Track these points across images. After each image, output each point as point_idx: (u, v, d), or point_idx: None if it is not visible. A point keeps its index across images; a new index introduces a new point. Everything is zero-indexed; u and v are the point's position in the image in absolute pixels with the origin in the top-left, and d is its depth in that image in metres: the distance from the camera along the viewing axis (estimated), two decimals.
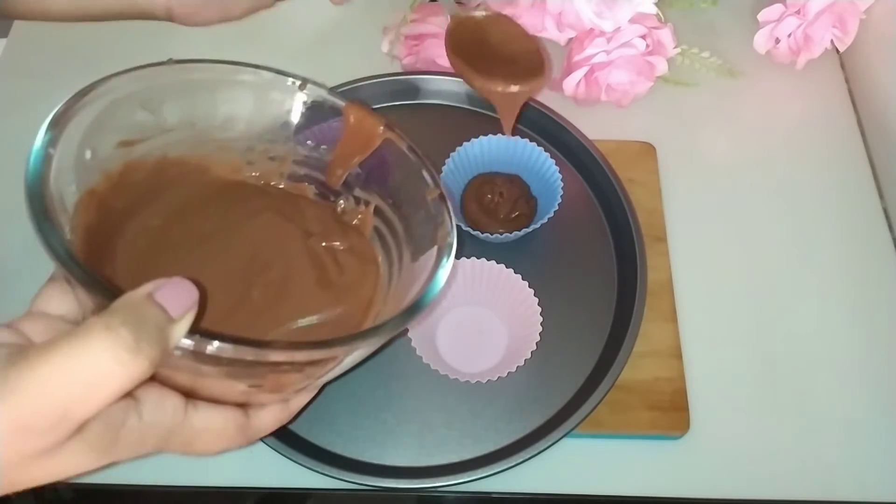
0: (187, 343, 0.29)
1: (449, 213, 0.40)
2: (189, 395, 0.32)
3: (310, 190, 0.47)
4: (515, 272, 0.49)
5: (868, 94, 0.64)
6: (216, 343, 0.29)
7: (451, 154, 0.54)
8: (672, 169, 0.59)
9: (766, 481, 0.48)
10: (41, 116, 0.35)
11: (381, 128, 0.43)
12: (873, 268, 0.56)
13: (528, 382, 0.49)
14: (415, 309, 0.36)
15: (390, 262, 0.44)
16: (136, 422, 0.29)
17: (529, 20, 0.60)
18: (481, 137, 0.55)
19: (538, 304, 0.48)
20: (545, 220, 0.52)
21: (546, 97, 0.60)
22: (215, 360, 0.30)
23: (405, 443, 0.48)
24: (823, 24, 0.61)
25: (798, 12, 0.61)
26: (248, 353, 0.30)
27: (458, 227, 0.51)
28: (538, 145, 0.54)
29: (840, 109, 0.64)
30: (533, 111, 0.59)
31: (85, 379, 0.25)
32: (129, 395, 0.29)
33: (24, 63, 0.66)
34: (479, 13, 0.54)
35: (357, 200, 0.46)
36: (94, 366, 0.26)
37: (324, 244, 0.44)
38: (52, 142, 0.34)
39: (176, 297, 0.29)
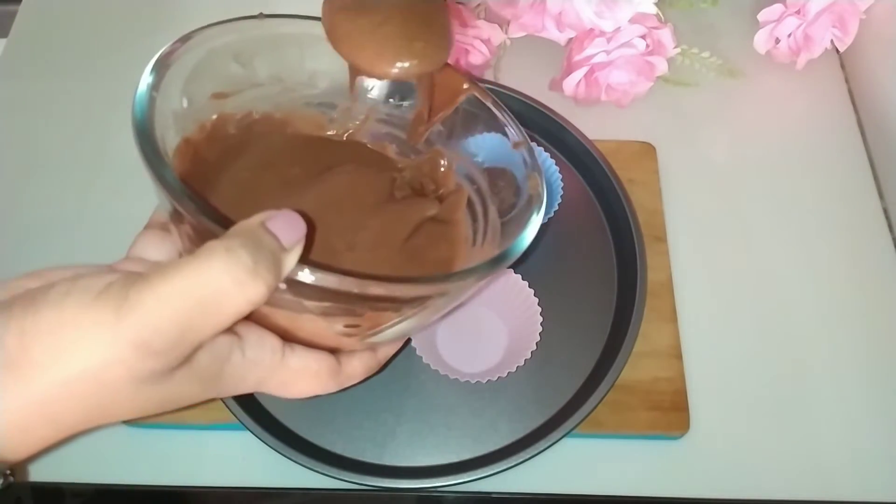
0: (298, 272, 0.29)
1: (536, 161, 0.40)
2: (285, 337, 0.33)
3: (391, 149, 0.46)
4: (515, 272, 0.49)
5: (868, 94, 0.64)
6: (324, 274, 0.29)
7: None
8: (672, 169, 0.59)
9: (767, 481, 0.48)
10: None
11: (466, 84, 0.42)
12: (873, 268, 0.56)
13: (528, 382, 0.49)
14: (508, 253, 0.36)
15: (475, 218, 0.43)
16: (239, 357, 0.30)
17: (529, 20, 0.60)
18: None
19: (538, 304, 0.48)
20: (545, 221, 0.52)
21: (546, 97, 0.60)
22: (319, 292, 0.30)
23: (405, 443, 0.48)
24: (823, 24, 0.61)
25: (798, 12, 0.61)
26: (352, 285, 0.30)
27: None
28: (538, 145, 0.54)
29: (840, 109, 0.64)
30: (533, 111, 0.59)
31: (204, 298, 0.26)
32: (233, 331, 0.30)
33: (24, 63, 0.66)
34: None
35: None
36: (214, 285, 0.26)
37: (402, 201, 0.44)
38: (154, 85, 0.34)
39: (287, 227, 0.29)
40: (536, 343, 0.47)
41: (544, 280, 0.50)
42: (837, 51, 0.65)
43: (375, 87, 0.45)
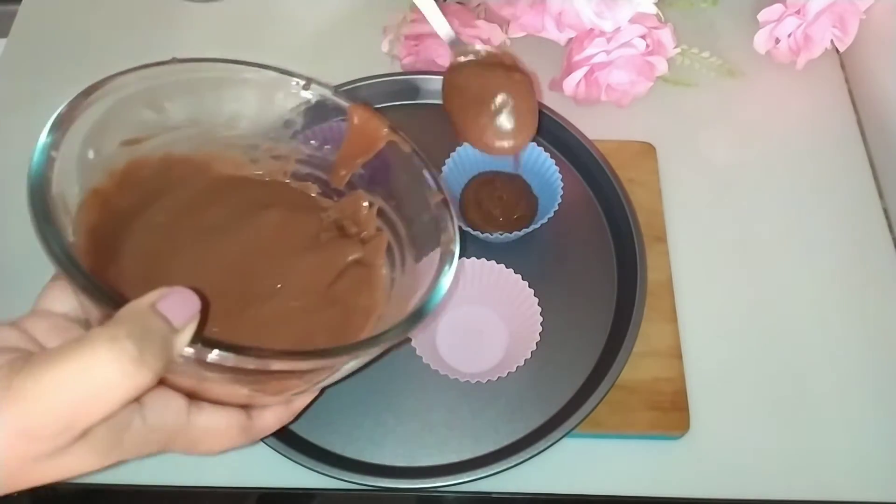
0: (190, 352, 0.29)
1: (452, 218, 0.41)
2: (193, 396, 0.32)
3: (313, 189, 0.47)
4: (515, 272, 0.49)
5: (868, 94, 0.64)
6: (219, 352, 0.30)
7: (452, 154, 0.54)
8: (672, 169, 0.59)
9: (767, 481, 0.48)
10: (41, 116, 0.35)
11: (386, 129, 0.43)
12: (873, 268, 0.56)
13: (528, 382, 0.49)
14: (417, 317, 0.36)
15: (392, 263, 0.44)
16: (140, 425, 0.29)
17: (529, 20, 0.60)
18: None
19: (538, 304, 0.48)
20: (545, 220, 0.52)
21: (546, 97, 0.60)
22: (218, 367, 0.31)
23: (405, 443, 0.48)
24: (823, 24, 0.61)
25: (798, 12, 0.61)
26: (250, 363, 0.30)
27: (460, 228, 0.51)
28: (538, 145, 0.54)
29: (840, 109, 0.64)
30: None
31: (90, 389, 0.26)
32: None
33: (24, 63, 0.66)
34: (474, 53, 0.51)
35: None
36: (99, 377, 0.26)
37: (327, 243, 0.44)
38: (54, 144, 0.34)
39: (179, 307, 0.29)
40: (536, 343, 0.47)
41: (544, 280, 0.50)
42: (837, 51, 0.65)
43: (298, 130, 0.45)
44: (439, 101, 0.61)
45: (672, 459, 0.49)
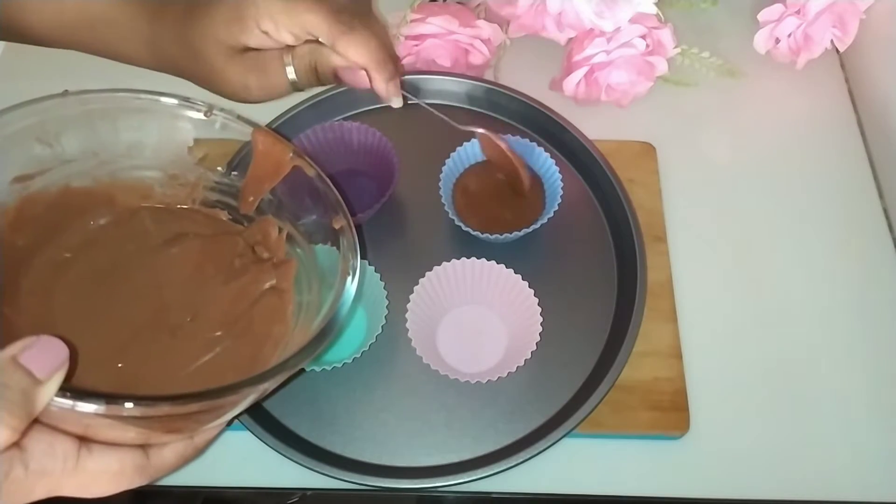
0: (58, 402, 0.28)
1: (353, 246, 0.39)
2: (84, 438, 0.31)
3: (223, 215, 0.46)
4: (515, 272, 0.49)
5: (868, 94, 0.64)
6: (86, 404, 0.29)
7: (451, 154, 0.54)
8: (672, 169, 0.59)
9: (767, 481, 0.48)
10: None
11: (290, 154, 0.42)
12: (873, 268, 0.56)
13: (528, 382, 0.49)
14: (318, 341, 0.35)
15: (300, 290, 0.43)
16: (21, 472, 0.29)
17: (529, 20, 0.60)
18: None
19: (538, 304, 0.48)
20: (545, 220, 0.52)
21: (546, 97, 0.60)
22: (96, 414, 0.30)
23: (405, 443, 0.48)
24: (823, 24, 0.61)
25: (798, 12, 0.61)
26: (123, 410, 0.29)
27: (459, 229, 0.51)
28: (538, 145, 0.54)
29: (840, 109, 0.64)
30: (533, 111, 0.59)
31: None
32: (15, 444, 0.29)
33: (24, 63, 0.66)
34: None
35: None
36: None
37: (241, 270, 0.44)
38: None
39: (42, 358, 0.28)
40: (536, 343, 0.47)
41: (544, 280, 0.50)
42: (837, 51, 0.65)
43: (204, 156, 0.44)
44: (439, 102, 0.61)
45: (672, 459, 0.49)
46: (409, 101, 0.45)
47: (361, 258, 0.39)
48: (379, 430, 0.48)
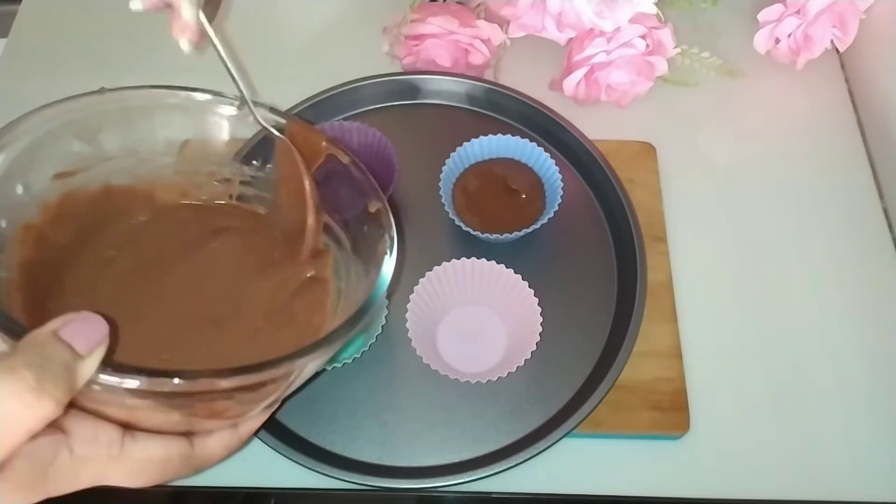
0: (101, 379, 0.28)
1: (390, 221, 0.40)
2: (129, 426, 0.31)
3: (260, 209, 0.46)
4: (515, 272, 0.49)
5: (868, 94, 0.64)
6: (129, 379, 0.29)
7: (451, 154, 0.54)
8: (672, 169, 0.59)
9: (767, 481, 0.48)
10: None
11: (324, 143, 0.42)
12: (873, 268, 0.56)
13: (528, 382, 0.49)
14: (358, 316, 0.35)
15: (339, 278, 0.43)
16: (66, 457, 0.29)
17: (529, 20, 0.60)
18: (481, 137, 0.55)
19: (538, 304, 0.48)
20: (545, 220, 0.52)
21: (546, 97, 0.60)
22: (136, 392, 0.30)
23: (405, 443, 0.48)
24: (823, 24, 0.61)
25: (798, 12, 0.61)
26: (164, 385, 0.29)
27: (459, 229, 0.52)
28: (538, 145, 0.54)
29: (840, 109, 0.64)
30: (533, 111, 0.59)
31: None
32: (61, 428, 0.29)
33: (24, 63, 0.66)
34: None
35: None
36: None
37: (281, 262, 0.44)
38: None
39: (83, 332, 0.28)
40: (536, 343, 0.47)
41: (544, 280, 0.50)
42: (837, 51, 0.65)
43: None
44: (439, 101, 0.61)
45: (672, 459, 0.49)
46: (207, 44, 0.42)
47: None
48: (379, 430, 0.48)
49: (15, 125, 0.36)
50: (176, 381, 0.29)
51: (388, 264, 0.38)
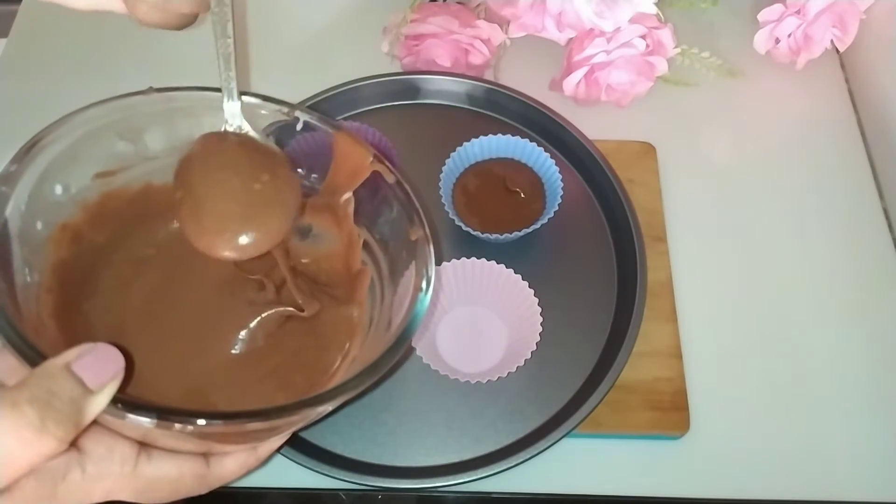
0: (110, 413, 0.28)
1: (429, 260, 0.38)
2: (144, 442, 0.31)
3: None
4: (515, 272, 0.49)
5: (868, 94, 0.64)
6: (138, 417, 0.28)
7: (451, 154, 0.54)
8: (672, 169, 0.59)
9: (767, 481, 0.48)
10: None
11: (370, 160, 0.41)
12: (873, 268, 0.56)
13: (528, 382, 0.49)
14: (372, 371, 0.33)
15: (373, 300, 0.42)
16: (78, 475, 0.28)
17: (529, 20, 0.60)
18: (481, 137, 0.55)
19: (538, 304, 0.48)
20: (545, 220, 0.52)
21: (546, 97, 0.60)
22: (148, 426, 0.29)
23: (405, 443, 0.48)
24: (823, 24, 0.61)
25: (798, 12, 0.61)
26: (174, 427, 0.29)
27: (459, 229, 0.52)
28: (538, 145, 0.54)
29: (840, 109, 0.64)
30: (533, 111, 0.59)
31: None
32: (75, 445, 0.29)
33: (24, 63, 0.66)
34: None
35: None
36: None
37: (311, 278, 0.43)
38: (6, 179, 0.33)
39: (96, 366, 0.27)
40: (536, 343, 0.47)
41: (544, 280, 0.50)
42: (837, 51, 0.65)
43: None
44: (439, 101, 0.61)
45: (672, 459, 0.49)
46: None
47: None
48: (379, 430, 0.48)
49: (56, 126, 0.35)
50: (182, 426, 0.29)
51: (423, 301, 0.36)
